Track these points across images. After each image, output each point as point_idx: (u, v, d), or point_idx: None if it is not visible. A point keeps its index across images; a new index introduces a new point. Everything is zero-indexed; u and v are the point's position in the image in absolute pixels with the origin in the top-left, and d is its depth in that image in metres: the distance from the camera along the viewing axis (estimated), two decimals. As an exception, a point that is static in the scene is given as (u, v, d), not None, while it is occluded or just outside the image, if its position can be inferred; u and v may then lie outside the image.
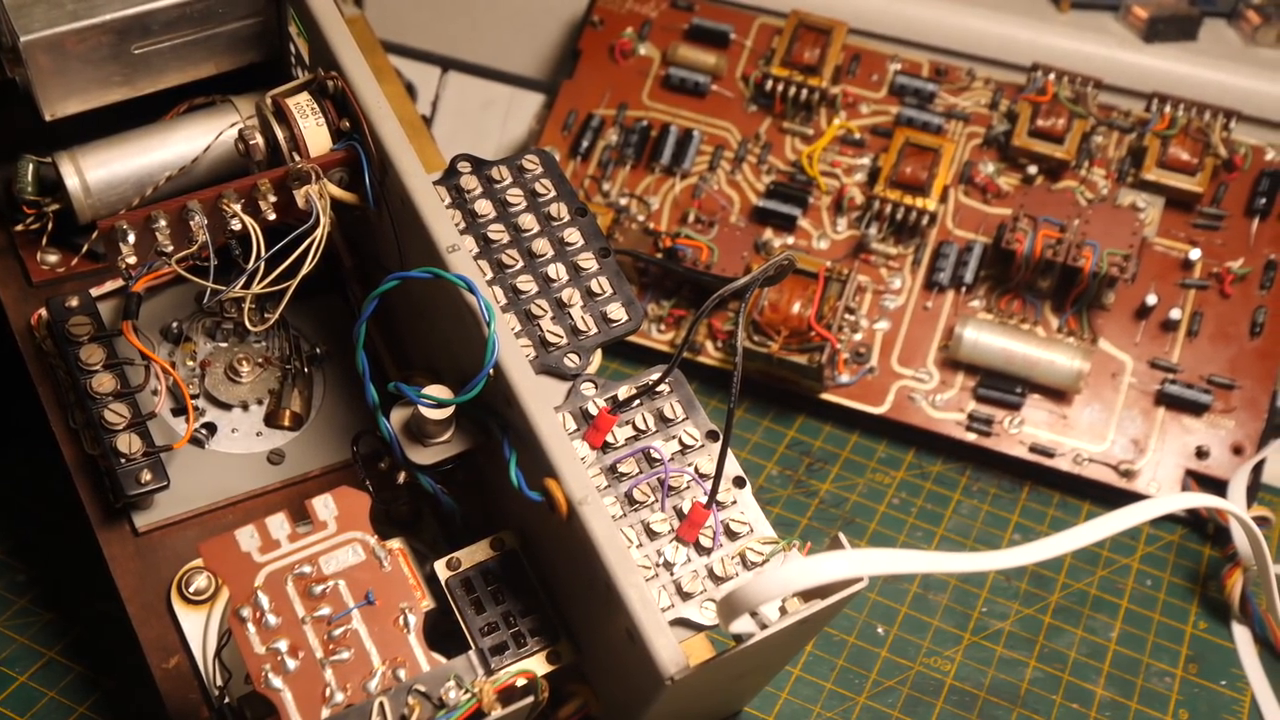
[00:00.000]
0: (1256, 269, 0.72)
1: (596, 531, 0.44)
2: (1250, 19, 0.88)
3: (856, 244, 0.75)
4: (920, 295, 0.74)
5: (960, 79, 0.78)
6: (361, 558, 0.47)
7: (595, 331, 0.51)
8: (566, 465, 0.45)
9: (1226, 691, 0.62)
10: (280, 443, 0.57)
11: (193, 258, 0.56)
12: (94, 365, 0.55)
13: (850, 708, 0.59)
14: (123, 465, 0.53)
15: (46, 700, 0.56)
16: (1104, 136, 0.75)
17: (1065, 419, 0.71)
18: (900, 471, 0.71)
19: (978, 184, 0.75)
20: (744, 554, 0.48)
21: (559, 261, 0.52)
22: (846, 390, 0.72)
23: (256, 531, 0.47)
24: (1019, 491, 0.71)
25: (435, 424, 0.49)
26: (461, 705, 0.45)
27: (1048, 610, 0.65)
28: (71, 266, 0.60)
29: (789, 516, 0.68)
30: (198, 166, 0.58)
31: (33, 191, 0.59)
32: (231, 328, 0.58)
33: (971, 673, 0.62)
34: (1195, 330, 0.71)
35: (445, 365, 0.52)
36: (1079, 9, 0.89)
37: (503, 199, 0.53)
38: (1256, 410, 0.70)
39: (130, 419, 0.54)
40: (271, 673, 0.45)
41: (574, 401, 0.50)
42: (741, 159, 0.77)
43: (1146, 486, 0.69)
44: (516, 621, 0.48)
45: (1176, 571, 0.67)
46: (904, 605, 0.64)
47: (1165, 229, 0.73)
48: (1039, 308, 0.72)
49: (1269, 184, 0.73)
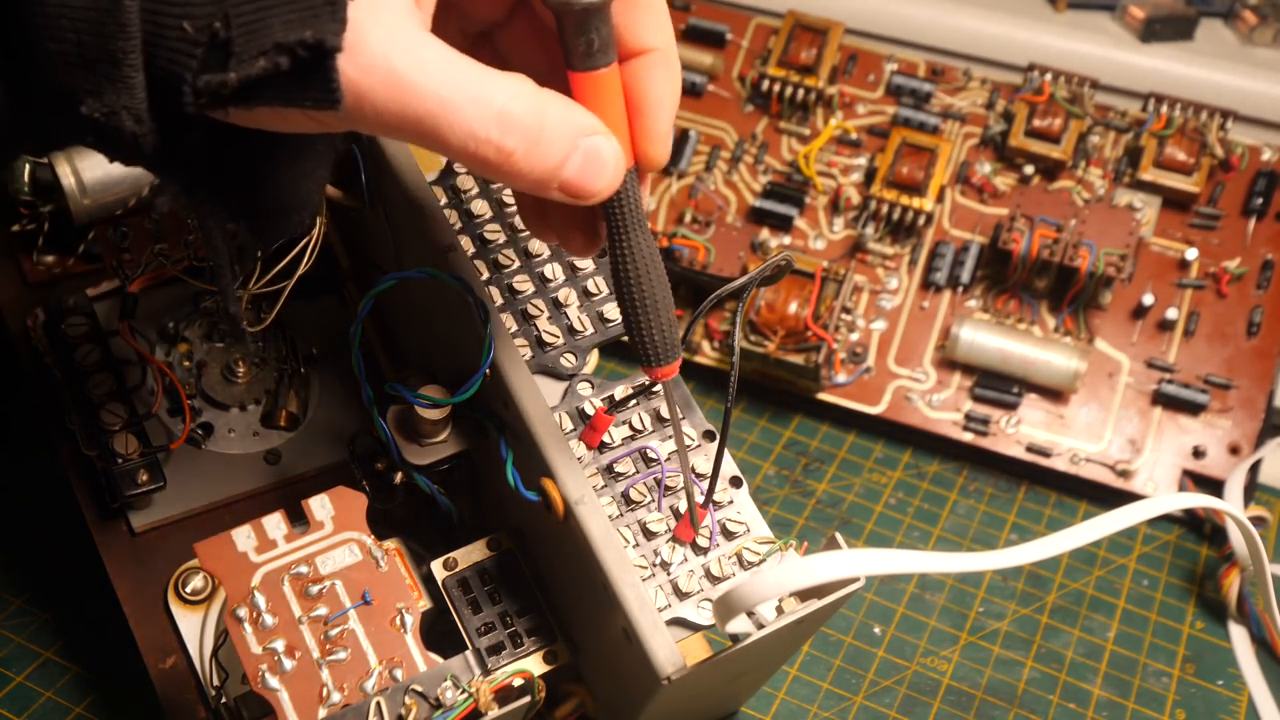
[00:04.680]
0: (1253, 269, 0.72)
1: (593, 531, 0.44)
2: (1246, 19, 0.88)
3: (853, 244, 0.75)
4: (917, 295, 0.74)
5: (957, 79, 0.78)
6: (358, 558, 0.47)
7: (592, 331, 0.51)
8: (563, 465, 0.45)
9: (1223, 691, 0.62)
10: (277, 443, 0.57)
11: (189, 258, 0.56)
12: (90, 365, 0.55)
13: (847, 708, 0.59)
14: (119, 465, 0.53)
15: (43, 700, 0.56)
16: (1100, 136, 0.75)
17: (1062, 419, 0.71)
18: (897, 471, 0.71)
19: (974, 184, 0.75)
20: (741, 554, 0.48)
21: (555, 261, 0.52)
22: (843, 390, 0.72)
23: (253, 531, 0.47)
24: (1016, 491, 0.71)
25: (432, 424, 0.49)
26: (458, 705, 0.45)
27: (1045, 610, 0.65)
28: (68, 267, 0.60)
29: (786, 516, 0.68)
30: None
31: (29, 192, 0.59)
32: (228, 328, 0.58)
33: (968, 673, 0.62)
34: (1192, 330, 0.71)
35: (442, 365, 0.52)
36: (1075, 9, 0.89)
37: (499, 199, 0.53)
38: (1253, 410, 0.70)
39: (127, 419, 0.54)
40: (268, 673, 0.45)
41: (570, 401, 0.50)
42: (738, 159, 0.77)
43: (1143, 486, 0.69)
44: (513, 621, 0.48)
45: (1173, 571, 0.67)
46: (901, 605, 0.64)
47: (1162, 229, 0.73)
48: (1035, 307, 0.72)
49: (1265, 184, 0.73)
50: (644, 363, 0.43)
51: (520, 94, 0.36)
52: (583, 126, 0.38)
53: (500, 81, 0.36)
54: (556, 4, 0.37)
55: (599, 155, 0.38)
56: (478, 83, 0.36)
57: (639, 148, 0.40)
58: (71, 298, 0.56)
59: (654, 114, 0.40)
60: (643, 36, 0.40)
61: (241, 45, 0.33)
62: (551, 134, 0.37)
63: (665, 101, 0.40)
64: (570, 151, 0.37)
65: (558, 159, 0.37)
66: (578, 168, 0.38)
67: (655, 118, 0.40)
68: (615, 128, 0.39)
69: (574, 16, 0.37)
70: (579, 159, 0.38)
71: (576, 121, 0.38)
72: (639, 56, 0.40)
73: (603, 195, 0.39)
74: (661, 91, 0.40)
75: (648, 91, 0.40)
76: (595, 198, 0.39)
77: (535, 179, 0.37)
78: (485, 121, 0.35)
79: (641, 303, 0.41)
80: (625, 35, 0.40)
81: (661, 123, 0.40)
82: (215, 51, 0.33)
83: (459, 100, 0.35)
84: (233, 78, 0.33)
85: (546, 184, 0.38)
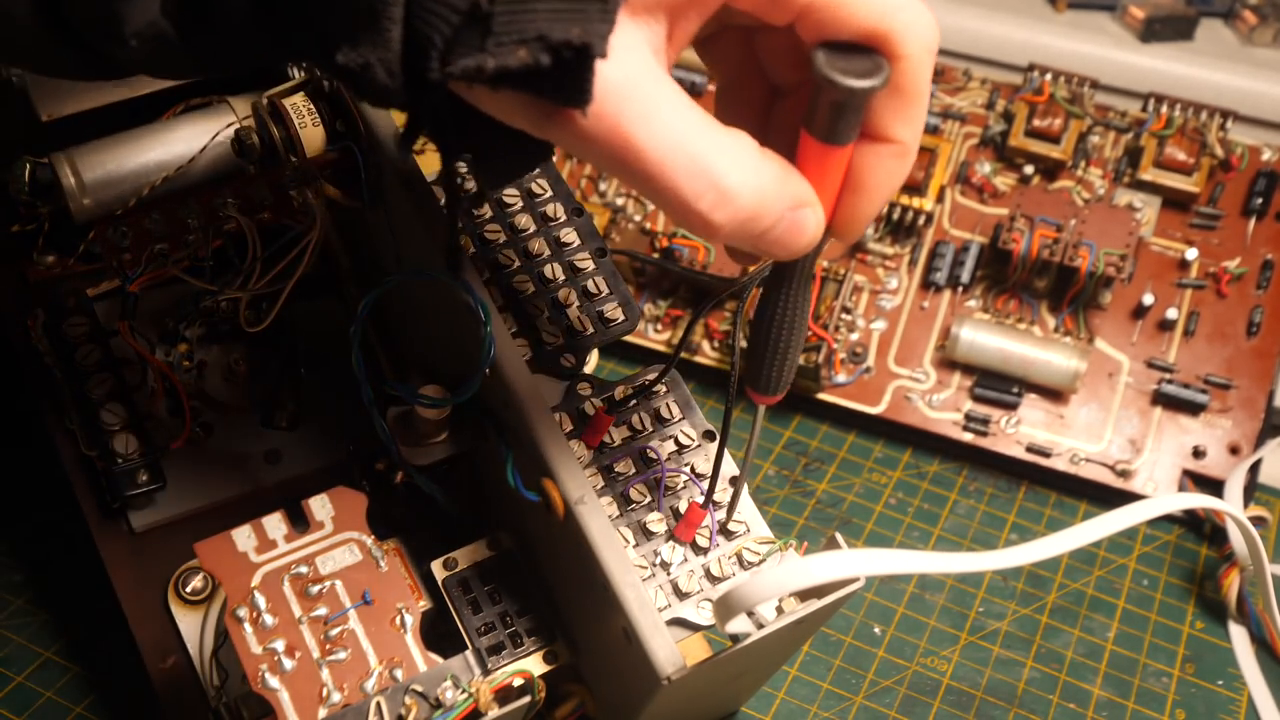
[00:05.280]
0: (1253, 269, 0.72)
1: (593, 531, 0.44)
2: (1246, 19, 0.88)
3: (853, 244, 0.74)
4: (917, 295, 0.74)
5: (957, 79, 0.78)
6: (358, 558, 0.47)
7: (592, 331, 0.51)
8: (563, 465, 0.45)
9: (1223, 691, 0.62)
10: (277, 443, 0.57)
11: (189, 258, 0.56)
12: (90, 366, 0.55)
13: (847, 708, 0.59)
14: (120, 465, 0.53)
15: (44, 700, 0.56)
16: (1100, 136, 0.75)
17: (1062, 419, 0.71)
18: (897, 471, 0.71)
19: (974, 184, 0.75)
20: (741, 554, 0.48)
21: (556, 261, 0.52)
22: (843, 390, 0.72)
23: (253, 531, 0.47)
24: (1016, 491, 0.71)
25: (432, 424, 0.49)
26: (458, 705, 0.45)
27: (1045, 610, 0.65)
28: (68, 267, 0.60)
29: (786, 516, 0.68)
30: (194, 167, 0.58)
31: (29, 192, 0.59)
32: (228, 328, 0.58)
33: (969, 673, 0.62)
34: (1192, 330, 0.71)
35: (442, 365, 0.52)
36: (1075, 9, 0.89)
37: (499, 199, 0.53)
38: (1253, 410, 0.70)
39: (127, 419, 0.54)
40: (268, 673, 0.45)
41: (570, 401, 0.50)
42: (738, 159, 0.77)
43: (1143, 486, 0.69)
44: (513, 621, 0.48)
45: (1173, 571, 0.67)
46: (901, 605, 0.64)
47: (1162, 229, 0.73)
48: (1035, 307, 0.72)
49: (1265, 184, 0.73)
50: (757, 388, 0.44)
51: (740, 166, 0.36)
52: (795, 197, 0.37)
53: (723, 151, 0.35)
54: (822, 77, 0.36)
55: (802, 225, 0.38)
56: (701, 150, 0.35)
57: (839, 222, 0.40)
58: (71, 298, 0.56)
59: (868, 200, 0.39)
60: (892, 128, 0.39)
61: (502, 25, 0.32)
62: (765, 210, 0.37)
63: (885, 192, 0.39)
64: (778, 221, 0.37)
65: (763, 229, 0.37)
66: (779, 234, 0.37)
67: (868, 204, 0.39)
68: (825, 196, 0.39)
69: (837, 94, 0.36)
70: (783, 226, 0.37)
71: (791, 193, 0.37)
72: (879, 143, 0.39)
73: (790, 259, 0.39)
74: (885, 182, 0.39)
75: (871, 178, 0.39)
76: (783, 259, 0.39)
77: (736, 242, 0.38)
78: (699, 193, 0.35)
79: (783, 343, 0.42)
80: (876, 119, 0.39)
81: (872, 210, 0.40)
82: (474, 24, 0.32)
83: (679, 165, 0.35)
84: (491, 64, 0.32)
85: (744, 243, 0.38)
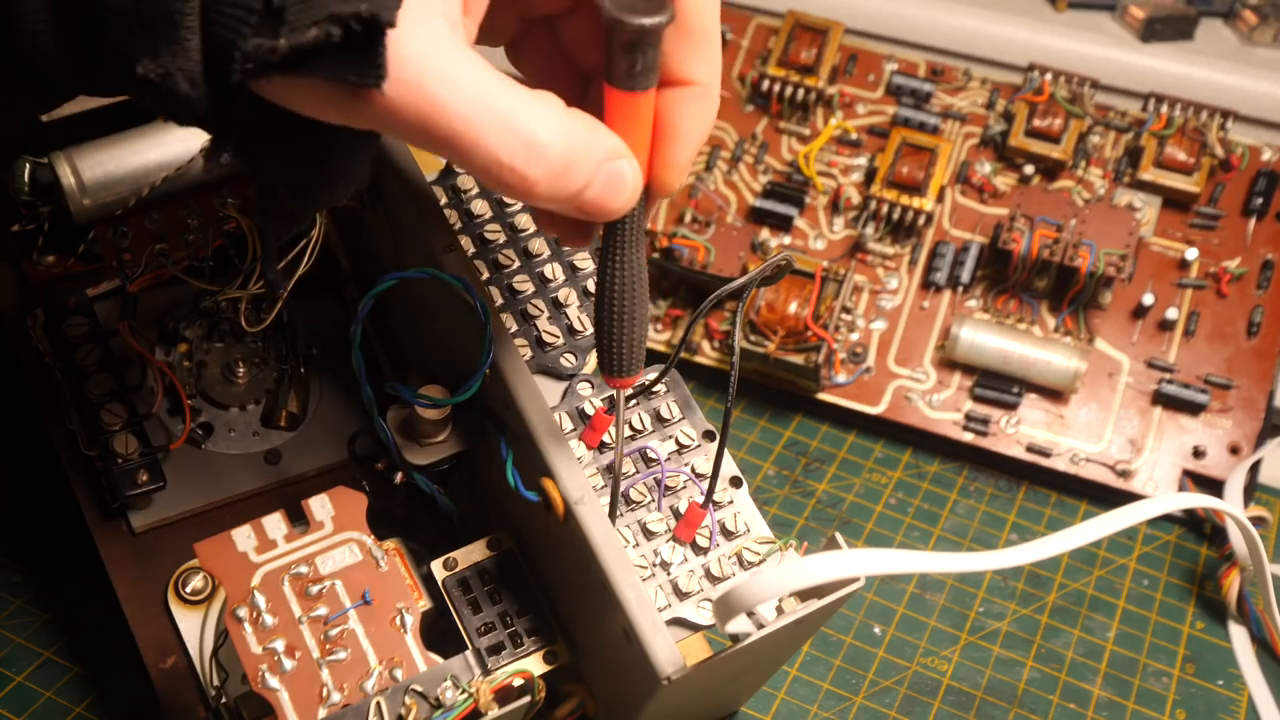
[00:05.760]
0: (1253, 269, 0.72)
1: (593, 531, 0.44)
2: (1247, 19, 0.88)
3: (853, 244, 0.75)
4: (917, 295, 0.74)
5: (957, 79, 0.78)
6: (358, 558, 0.47)
7: (592, 331, 0.51)
8: (563, 465, 0.45)
9: (1223, 691, 0.62)
10: (277, 443, 0.57)
11: (189, 258, 0.56)
12: (91, 366, 0.55)
13: (847, 708, 0.59)
14: (119, 465, 0.53)
15: (43, 700, 0.56)
16: (1101, 136, 0.75)
17: (1062, 419, 0.71)
18: (897, 471, 0.71)
19: (974, 184, 0.75)
20: (741, 554, 0.48)
21: (556, 261, 0.52)
22: (843, 390, 0.72)
23: (253, 531, 0.47)
24: (1016, 491, 0.71)
25: (432, 424, 0.49)
26: (458, 705, 0.45)
27: (1045, 610, 0.65)
28: (68, 267, 0.59)
29: (786, 516, 0.68)
30: (194, 167, 0.58)
31: (29, 192, 0.59)
32: (228, 328, 0.58)
33: (969, 673, 0.62)
34: (1192, 330, 0.71)
35: (442, 365, 0.52)
36: (1075, 9, 0.89)
37: (500, 199, 0.53)
38: (1253, 410, 0.70)
39: (127, 419, 0.54)
40: (268, 673, 0.45)
41: (570, 401, 0.50)
42: (738, 159, 0.77)
43: (1143, 486, 0.69)
44: (513, 621, 0.48)
45: (1173, 571, 0.67)
46: (901, 605, 0.64)
47: (1162, 229, 0.73)
48: (1036, 307, 0.72)
49: (1265, 184, 0.73)
50: (605, 370, 0.43)
51: (548, 120, 0.36)
52: (608, 150, 0.38)
53: (529, 106, 0.36)
54: (610, 19, 0.37)
55: (619, 179, 0.38)
56: (506, 106, 0.35)
57: (656, 174, 0.40)
58: (71, 298, 0.56)
59: (680, 146, 0.40)
60: (689, 68, 0.39)
61: (295, 14, 0.32)
62: (577, 162, 0.37)
63: (694, 136, 0.40)
64: (593, 176, 0.37)
65: (580, 185, 0.37)
66: (597, 190, 0.37)
67: (680, 149, 0.40)
68: (637, 149, 0.39)
69: (625, 35, 0.37)
70: (600, 182, 0.37)
71: (602, 145, 0.37)
72: (680, 86, 0.39)
73: (615, 216, 0.39)
74: (693, 126, 0.40)
75: (679, 123, 0.40)
76: (608, 218, 0.39)
77: (554, 203, 0.37)
78: (510, 149, 0.35)
79: (620, 315, 0.42)
80: (672, 63, 0.39)
81: (685, 155, 0.40)
82: (270, 19, 0.33)
83: (486, 124, 0.35)
84: (283, 44, 0.32)
85: (564, 206, 0.38)
